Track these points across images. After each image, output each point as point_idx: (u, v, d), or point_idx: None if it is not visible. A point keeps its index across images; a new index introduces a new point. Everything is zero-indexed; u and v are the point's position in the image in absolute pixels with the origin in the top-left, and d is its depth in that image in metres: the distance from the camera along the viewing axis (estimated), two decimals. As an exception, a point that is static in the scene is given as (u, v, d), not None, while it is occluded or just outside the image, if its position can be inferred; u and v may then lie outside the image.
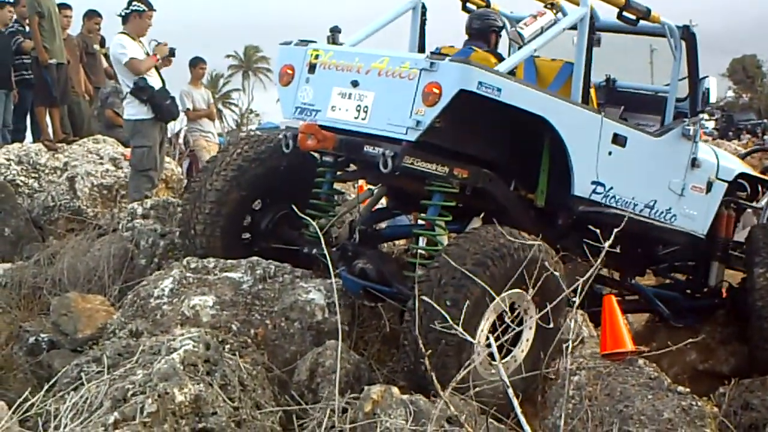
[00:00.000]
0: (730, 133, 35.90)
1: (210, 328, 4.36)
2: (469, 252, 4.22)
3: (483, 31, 5.34)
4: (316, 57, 4.86)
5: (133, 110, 7.05)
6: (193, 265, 4.88)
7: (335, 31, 5.17)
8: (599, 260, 3.79)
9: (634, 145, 5.15)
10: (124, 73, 7.07)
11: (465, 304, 4.02)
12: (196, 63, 10.04)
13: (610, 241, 3.70)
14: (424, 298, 4.03)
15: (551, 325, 4.28)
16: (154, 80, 7.09)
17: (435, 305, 3.95)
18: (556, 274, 4.32)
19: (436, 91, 4.32)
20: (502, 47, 5.54)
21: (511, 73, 4.70)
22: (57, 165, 7.67)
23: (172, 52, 7.34)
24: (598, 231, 3.95)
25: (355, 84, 4.64)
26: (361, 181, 6.00)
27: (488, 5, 5.80)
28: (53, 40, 8.16)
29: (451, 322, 3.78)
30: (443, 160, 4.57)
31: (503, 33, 5.53)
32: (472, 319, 4.07)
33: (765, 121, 41.99)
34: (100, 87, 9.48)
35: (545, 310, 4.14)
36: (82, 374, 3.91)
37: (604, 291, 5.74)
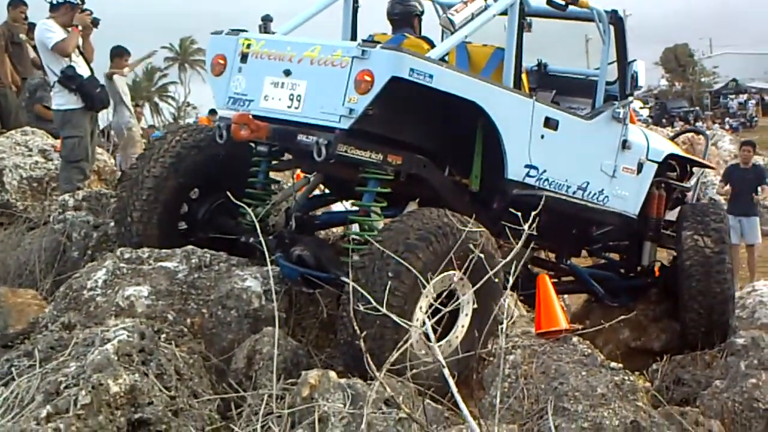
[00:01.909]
0: (664, 120, 36.90)
1: (145, 318, 4.30)
2: (413, 228, 4.26)
3: (405, 17, 5.36)
4: (248, 46, 4.82)
5: (62, 100, 6.87)
6: (126, 256, 4.80)
7: (267, 20, 5.13)
8: (520, 242, 3.75)
9: (565, 129, 5.24)
10: (51, 59, 6.87)
11: (406, 278, 4.04)
12: (121, 53, 9.56)
13: (530, 223, 3.60)
14: (362, 276, 4.02)
15: (487, 308, 4.34)
16: (82, 69, 6.92)
17: (373, 283, 3.93)
18: (496, 257, 4.37)
19: (368, 78, 4.33)
20: (431, 32, 5.57)
21: (443, 59, 4.73)
22: (-17, 158, 7.43)
23: (95, 22, 7.16)
24: (533, 213, 3.98)
25: (287, 73, 4.62)
26: (298, 169, 5.99)
27: (421, -9, 5.82)
28: (-25, 28, 7.92)
29: (383, 304, 3.73)
30: (377, 147, 4.58)
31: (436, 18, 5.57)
32: (411, 294, 4.09)
33: (696, 108, 43.30)
34: (27, 77, 9.20)
35: (483, 293, 4.18)
36: (13, 369, 3.79)
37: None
